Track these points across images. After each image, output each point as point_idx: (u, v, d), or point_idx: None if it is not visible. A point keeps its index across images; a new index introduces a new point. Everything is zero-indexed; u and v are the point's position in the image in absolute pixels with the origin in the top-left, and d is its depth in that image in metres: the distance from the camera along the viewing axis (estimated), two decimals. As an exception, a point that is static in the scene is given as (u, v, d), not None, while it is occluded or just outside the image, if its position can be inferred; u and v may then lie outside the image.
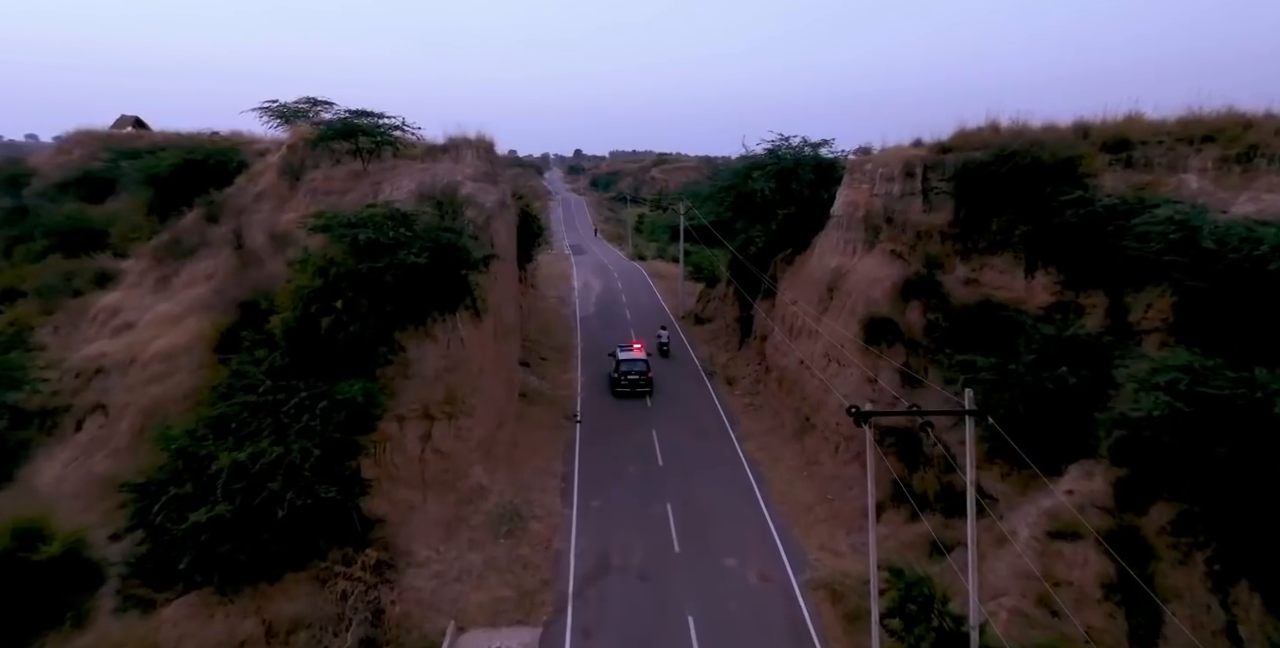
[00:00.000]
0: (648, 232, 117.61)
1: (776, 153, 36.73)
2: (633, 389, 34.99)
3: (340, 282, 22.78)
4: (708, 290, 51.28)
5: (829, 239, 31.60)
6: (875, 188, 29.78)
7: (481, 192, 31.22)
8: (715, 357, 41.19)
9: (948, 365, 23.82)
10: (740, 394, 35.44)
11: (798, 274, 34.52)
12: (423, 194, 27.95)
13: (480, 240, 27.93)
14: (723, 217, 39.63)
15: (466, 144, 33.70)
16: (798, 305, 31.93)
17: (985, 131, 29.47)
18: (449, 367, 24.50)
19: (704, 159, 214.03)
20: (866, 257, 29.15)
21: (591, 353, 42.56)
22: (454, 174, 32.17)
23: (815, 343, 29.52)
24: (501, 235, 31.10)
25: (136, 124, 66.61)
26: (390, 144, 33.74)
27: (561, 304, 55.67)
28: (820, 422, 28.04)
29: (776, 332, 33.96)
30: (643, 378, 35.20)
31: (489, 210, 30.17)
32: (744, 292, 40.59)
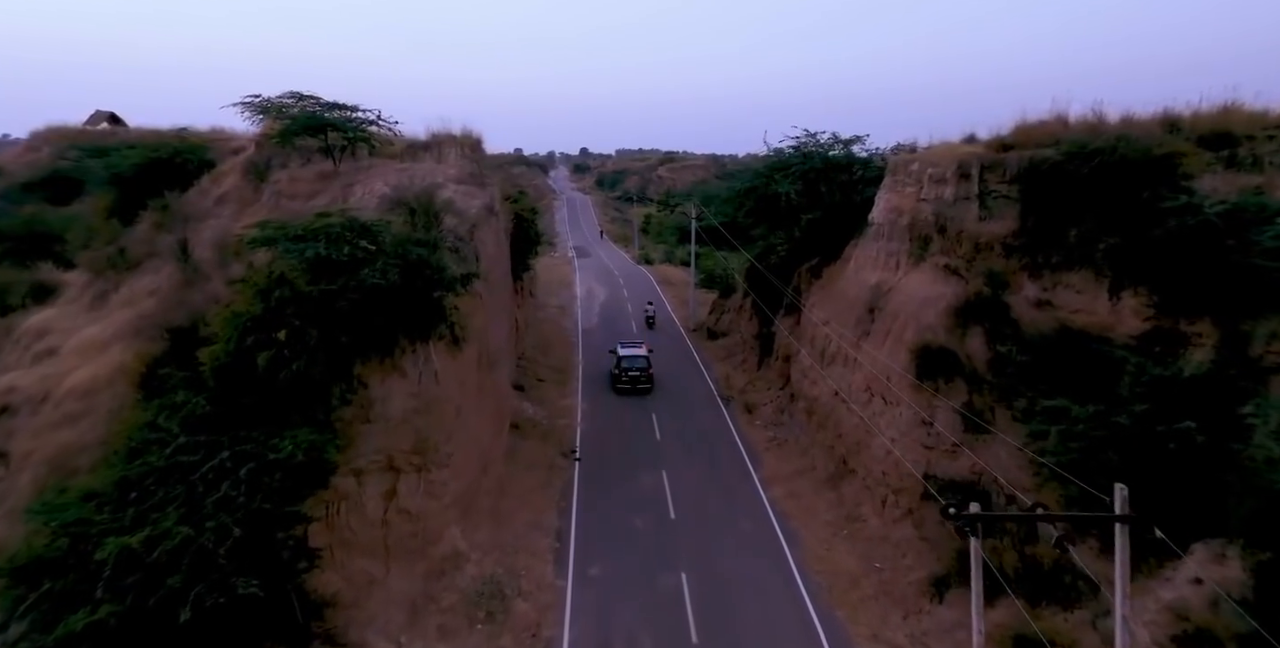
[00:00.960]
0: (654, 233, 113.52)
1: (803, 151, 32.54)
2: (634, 386, 34.98)
3: (285, 307, 18.67)
4: (721, 301, 47.09)
5: (866, 250, 27.38)
6: (923, 191, 25.57)
7: (465, 196, 27.12)
8: (731, 378, 37.00)
9: (1024, 410, 19.60)
10: (761, 425, 31.26)
11: (828, 289, 30.32)
12: (396, 199, 23.85)
13: (461, 253, 23.85)
14: (742, 222, 35.43)
15: (450, 141, 29.61)
16: (830, 326, 27.72)
17: (1052, 125, 25.25)
18: (420, 407, 20.39)
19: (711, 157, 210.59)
20: (914, 272, 24.94)
21: (594, 373, 38.44)
22: (435, 175, 28.09)
23: (854, 372, 25.31)
24: (489, 246, 27.01)
25: (111, 120, 62.67)
26: (365, 141, 29.73)
27: (562, 314, 51.55)
28: (861, 467, 23.84)
29: (804, 355, 29.76)
30: (643, 374, 35.15)
31: (473, 217, 26.07)
32: (763, 305, 36.40)
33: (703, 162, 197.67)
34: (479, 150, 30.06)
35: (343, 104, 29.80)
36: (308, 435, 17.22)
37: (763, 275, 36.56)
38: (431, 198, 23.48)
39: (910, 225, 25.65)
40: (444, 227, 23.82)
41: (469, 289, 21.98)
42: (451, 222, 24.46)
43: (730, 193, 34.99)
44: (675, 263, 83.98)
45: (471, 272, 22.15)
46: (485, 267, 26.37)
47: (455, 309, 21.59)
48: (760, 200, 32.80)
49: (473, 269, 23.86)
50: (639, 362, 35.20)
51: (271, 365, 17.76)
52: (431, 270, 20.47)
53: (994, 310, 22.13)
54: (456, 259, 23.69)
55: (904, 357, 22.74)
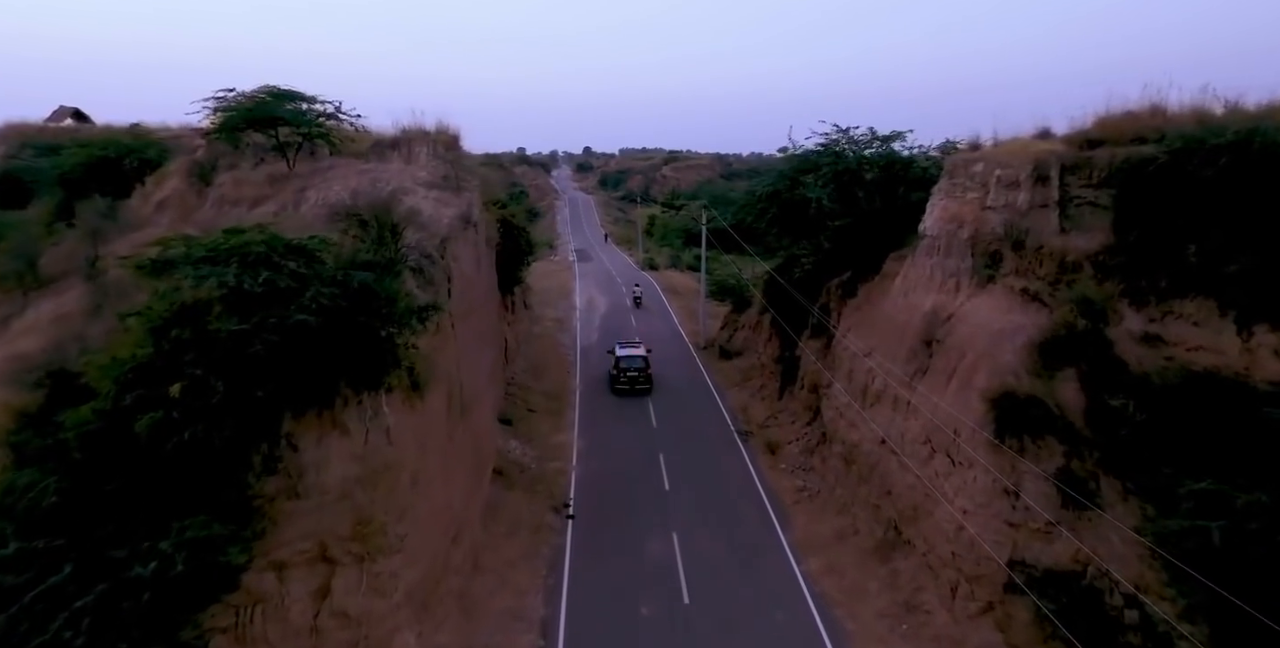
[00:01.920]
0: (659, 235, 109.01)
1: (833, 150, 28.03)
2: (632, 386, 34.35)
3: (183, 351, 14.23)
4: (735, 316, 42.53)
5: (918, 267, 22.85)
6: (990, 197, 21.05)
7: (437, 203, 22.68)
8: (749, 409, 32.49)
9: (1144, 486, 15.08)
10: (788, 470, 26.73)
11: (866, 311, 25.81)
12: (345, 209, 19.39)
13: (427, 275, 19.41)
14: (766, 232, 30.88)
15: (421, 138, 25.14)
16: (873, 359, 23.20)
17: (1145, 117, 20.74)
18: (366, 475, 15.89)
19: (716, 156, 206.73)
20: (980, 296, 20.41)
21: (593, 399, 33.98)
22: (402, 179, 23.67)
23: (907, 418, 20.79)
24: (465, 263, 22.53)
25: (76, 116, 58.31)
26: (323, 138, 25.33)
27: (560, 328, 47.06)
28: (920, 539, 19.32)
29: (838, 390, 25.23)
30: (642, 375, 34.53)
31: (445, 230, 21.62)
32: (784, 325, 31.86)
33: (707, 161, 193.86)
34: (456, 148, 25.58)
35: (298, 94, 25.40)
36: (199, 531, 12.77)
37: (784, 290, 32.04)
38: (389, 207, 18.99)
39: (973, 238, 21.13)
40: (406, 243, 19.37)
41: (428, 323, 17.45)
42: (415, 236, 20.02)
43: (749, 197, 30.48)
44: (681, 268, 79.48)
45: (432, 304, 17.59)
46: (460, 288, 21.95)
47: (414, 348, 17.12)
48: (784, 207, 28.29)
49: (440, 296, 19.45)
50: (637, 362, 34.53)
51: (158, 433, 13.32)
52: (380, 301, 15.99)
53: (1091, 348, 17.59)
54: (421, 282, 19.27)
55: (976, 405, 18.20)
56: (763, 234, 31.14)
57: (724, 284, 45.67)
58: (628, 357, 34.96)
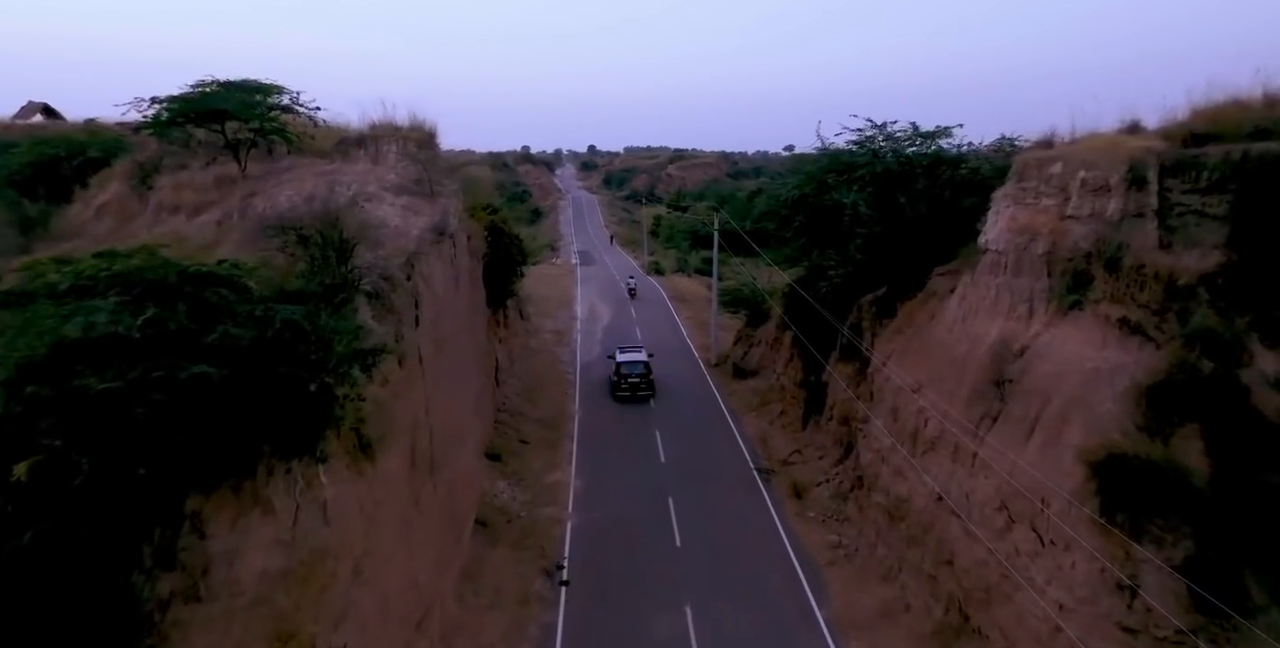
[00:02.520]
0: (664, 236, 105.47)
1: (870, 148, 24.33)
2: (633, 392, 33.09)
3: (39, 415, 10.68)
4: (750, 331, 38.81)
5: (979, 288, 19.12)
6: (1071, 204, 17.33)
7: (406, 212, 19.09)
8: (769, 440, 28.82)
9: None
10: (818, 519, 23.07)
11: (911, 336, 22.10)
12: (286, 219, 15.78)
13: (387, 302, 15.81)
14: (792, 243, 27.11)
15: (392, 135, 21.52)
16: (924, 395, 19.49)
17: (1265, 107, 17.09)
18: (293, 567, 12.25)
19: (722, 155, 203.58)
20: (1063, 325, 16.69)
21: (595, 428, 30.37)
22: (366, 182, 20.09)
23: (973, 475, 17.09)
24: (438, 282, 18.89)
25: (46, 112, 55.05)
26: (279, 134, 21.79)
27: (559, 341, 43.43)
28: (997, 631, 15.61)
29: (878, 428, 21.54)
30: (643, 381, 33.35)
31: (414, 243, 18.00)
32: (809, 345, 28.14)
33: (713, 159, 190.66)
34: (431, 147, 21.91)
35: (248, 84, 21.88)
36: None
37: (808, 305, 28.29)
38: (337, 219, 15.33)
39: (1051, 254, 17.41)
40: (360, 263, 15.76)
41: (379, 368, 13.81)
42: (374, 254, 16.43)
43: (772, 202, 26.71)
44: (689, 272, 75.83)
45: (380, 346, 13.88)
46: (433, 313, 18.34)
47: (360, 400, 13.50)
48: (813, 213, 24.56)
49: (403, 327, 15.86)
50: (638, 367, 33.41)
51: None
52: (310, 345, 12.37)
53: (1218, 397, 13.91)
54: (379, 310, 15.69)
55: (1070, 468, 14.51)
56: (785, 242, 27.33)
57: (737, 294, 41.92)
58: (629, 362, 33.63)
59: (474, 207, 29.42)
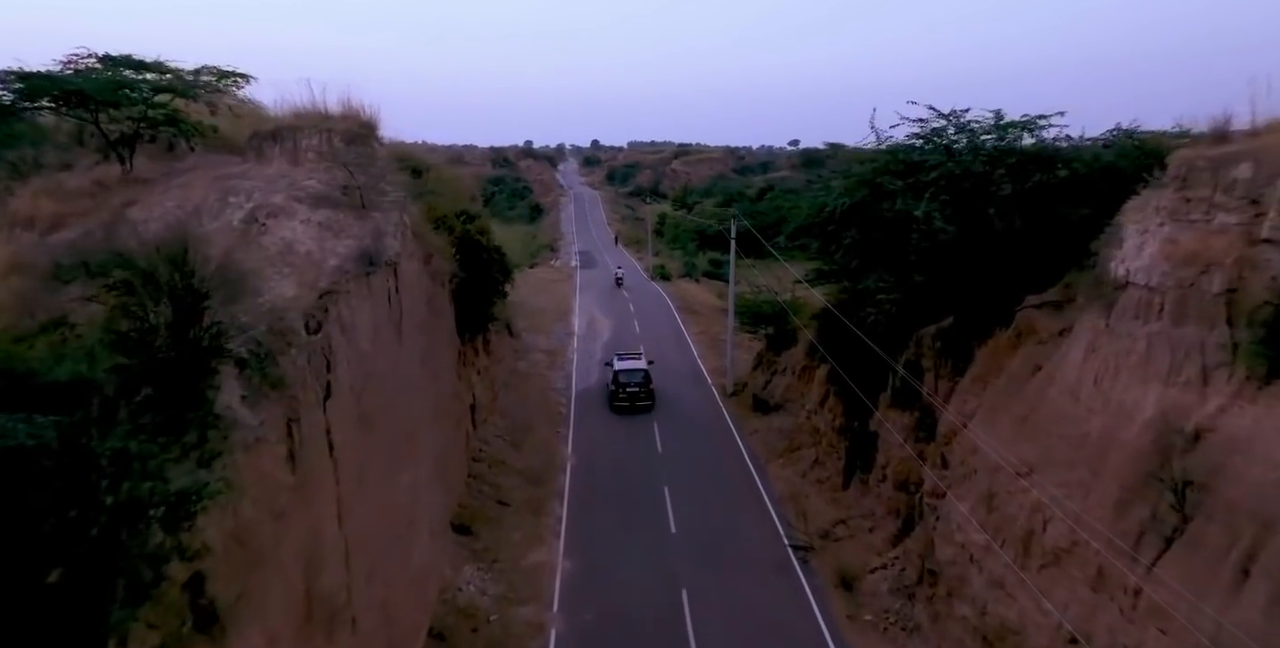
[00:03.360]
0: (669, 236, 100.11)
1: (941, 143, 18.97)
2: (632, 403, 31.38)
3: None
4: (772, 355, 33.49)
5: (1119, 338, 13.73)
6: (1270, 224, 12.01)
7: (323, 233, 13.81)
8: (803, 500, 23.55)
9: None
10: (876, 624, 17.77)
11: (1003, 390, 16.79)
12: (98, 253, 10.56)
13: (270, 376, 10.55)
14: (844, 265, 21.59)
15: (316, 126, 16.21)
16: (1035, 482, 14.19)
17: None
18: None
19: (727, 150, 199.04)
20: (1264, 400, 11.39)
21: (591, 481, 25.16)
22: (276, 188, 14.82)
23: (1136, 621, 11.75)
24: (364, 330, 13.56)
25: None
26: (175, 125, 16.58)
27: (552, 364, 38.16)
28: None
29: (959, 514, 16.22)
30: (643, 390, 31.60)
31: (328, 280, 12.73)
32: (849, 380, 22.72)
33: (719, 154, 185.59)
34: (367, 142, 16.57)
35: (131, 60, 16.65)
36: None
37: (846, 332, 22.91)
38: (184, 251, 10.01)
39: (1235, 293, 12.12)
40: (242, 314, 10.54)
41: (192, 521, 8.47)
42: (260, 302, 11.19)
43: (813, 210, 21.15)
44: (696, 277, 70.47)
45: (198, 488, 8.53)
46: (354, 377, 13.07)
47: (187, 557, 8.26)
48: (869, 228, 19.14)
49: (302, 403, 10.65)
50: (637, 376, 31.76)
51: None
52: (67, 490, 7.13)
53: None
54: (258, 385, 10.45)
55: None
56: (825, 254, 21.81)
57: (755, 308, 36.25)
58: (627, 371, 31.88)
59: (445, 214, 24.17)
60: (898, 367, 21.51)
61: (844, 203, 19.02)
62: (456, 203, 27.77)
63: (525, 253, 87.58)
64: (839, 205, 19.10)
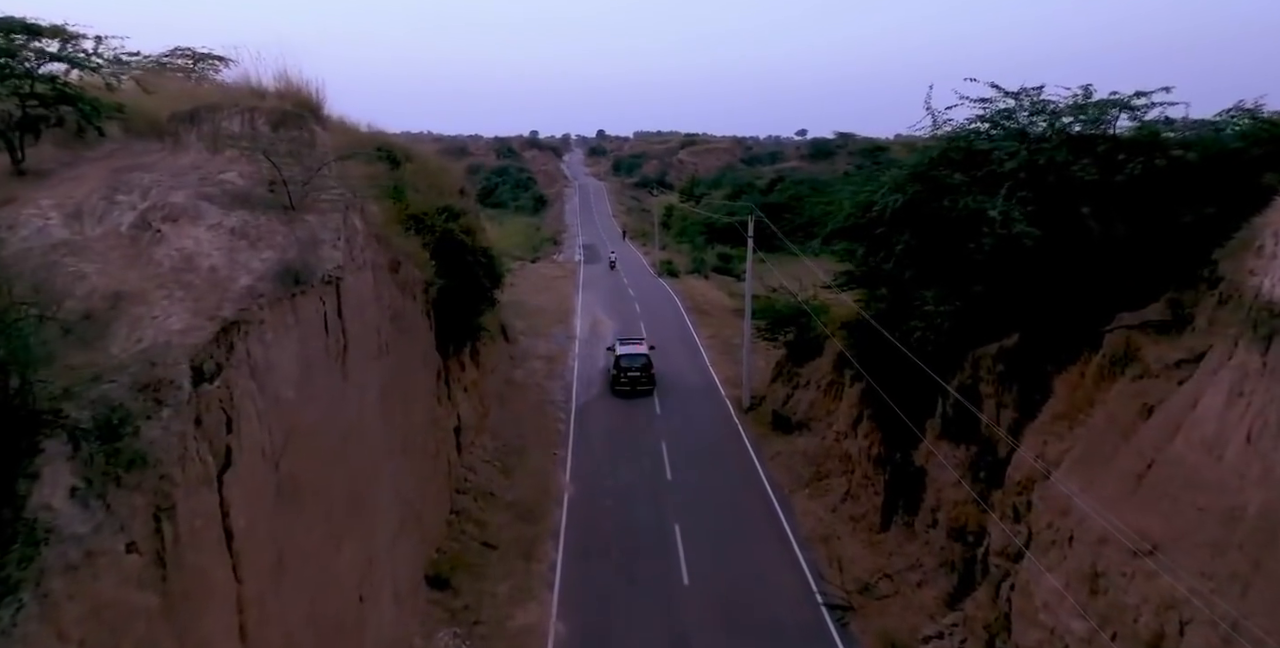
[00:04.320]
0: (677, 229, 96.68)
1: (1015, 126, 15.64)
2: (633, 387, 32.03)
3: None
4: (794, 367, 30.18)
5: (1272, 382, 10.48)
6: None
7: (234, 243, 10.62)
8: (835, 544, 20.35)
9: None
10: (937, 718, 14.64)
11: (1103, 434, 13.51)
12: None
13: (114, 458, 7.37)
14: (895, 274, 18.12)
15: (239, 106, 12.99)
16: (1160, 563, 10.97)
17: None
18: None
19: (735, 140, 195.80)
20: None
21: (591, 516, 22.03)
22: (184, 183, 11.62)
23: None
24: (287, 372, 10.37)
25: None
26: (74, 104, 13.39)
27: (551, 373, 34.98)
28: None
29: (1052, 592, 13.00)
30: (644, 375, 32.27)
31: (232, 307, 9.54)
32: (888, 399, 19.39)
33: (727, 144, 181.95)
34: (305, 126, 13.33)
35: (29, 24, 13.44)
36: None
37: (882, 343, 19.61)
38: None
39: None
40: (85, 366, 7.43)
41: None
42: (133, 346, 8.07)
43: (855, 208, 17.64)
44: (705, 272, 67.10)
45: None
46: (272, 435, 9.89)
47: None
48: (926, 228, 15.77)
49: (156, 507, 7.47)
50: (639, 360, 32.41)
51: None
52: None
53: None
54: (98, 476, 7.28)
55: None
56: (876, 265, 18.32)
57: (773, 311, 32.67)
58: (629, 355, 32.50)
59: (424, 211, 20.99)
60: (952, 391, 18.28)
61: (896, 201, 15.64)
62: (440, 197, 24.59)
63: (528, 247, 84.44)
64: (890, 203, 15.72)
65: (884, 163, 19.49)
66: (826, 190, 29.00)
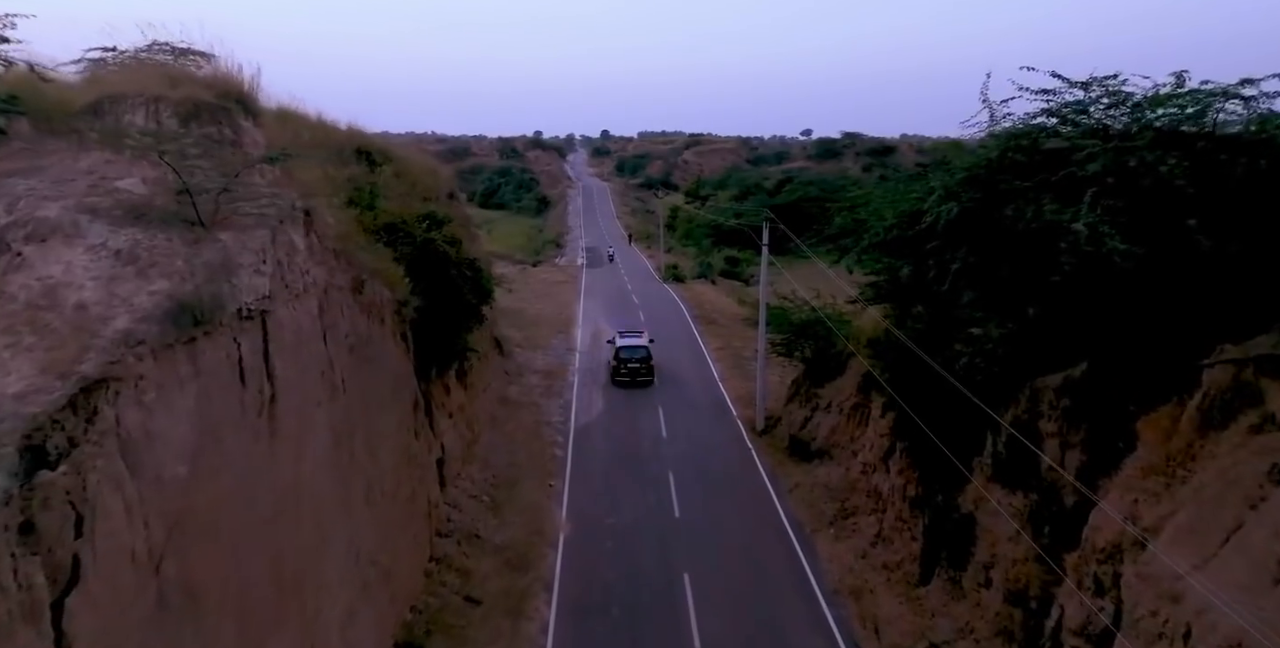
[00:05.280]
0: (681, 231, 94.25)
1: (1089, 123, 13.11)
2: (633, 378, 32.36)
3: None
4: (812, 387, 27.62)
5: None
6: None
7: (116, 269, 8.12)
8: (867, 599, 17.76)
9: None
10: None
11: (1210, 500, 10.98)
12: None
13: None
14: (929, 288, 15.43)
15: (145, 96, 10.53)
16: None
17: None
18: None
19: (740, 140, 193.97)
20: None
21: (588, 562, 19.53)
22: (63, 194, 9.14)
23: None
24: (176, 458, 7.90)
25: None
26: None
27: (548, 390, 32.52)
28: None
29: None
30: (644, 366, 32.60)
31: (99, 359, 7.07)
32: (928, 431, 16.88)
33: (732, 144, 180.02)
34: (228, 121, 10.85)
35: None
36: None
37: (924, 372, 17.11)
38: None
39: None
40: None
41: None
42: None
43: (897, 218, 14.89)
44: (712, 277, 64.65)
45: None
46: (145, 537, 7.40)
47: None
48: (987, 243, 13.20)
49: None
50: (639, 352, 32.95)
51: None
52: None
53: None
54: None
55: None
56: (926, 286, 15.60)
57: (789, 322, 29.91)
58: (629, 347, 33.05)
59: (401, 219, 18.58)
60: (1006, 426, 15.76)
61: (951, 210, 13.07)
62: (424, 203, 22.21)
63: (529, 250, 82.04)
64: (943, 214, 13.16)
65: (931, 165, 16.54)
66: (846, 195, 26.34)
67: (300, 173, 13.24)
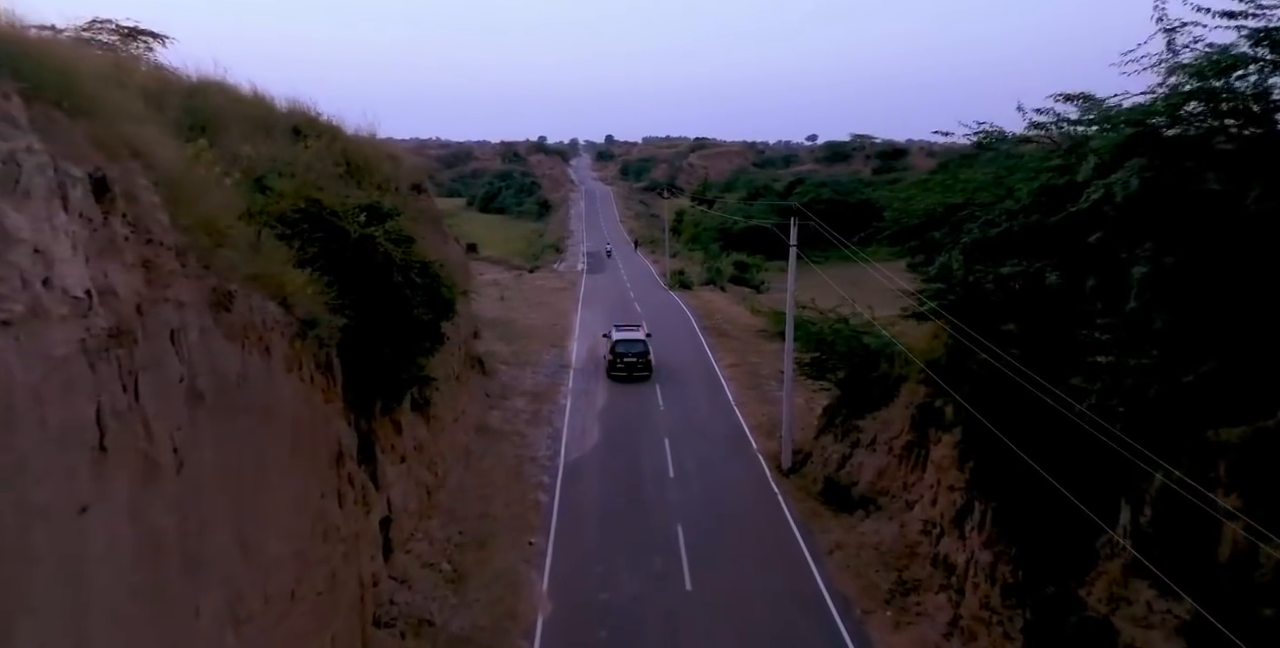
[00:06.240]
0: (688, 234, 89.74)
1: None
2: (630, 373, 31.47)
3: None
4: (852, 418, 22.77)
5: None
6: None
7: None
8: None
9: None
10: None
11: None
12: None
13: None
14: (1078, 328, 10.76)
15: None
16: None
17: None
18: None
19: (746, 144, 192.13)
20: None
21: None
22: None
23: None
24: None
25: None
26: None
27: (535, 416, 27.85)
28: None
29: None
30: (640, 361, 31.64)
31: None
32: (1018, 488, 12.18)
33: (738, 148, 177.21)
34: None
35: None
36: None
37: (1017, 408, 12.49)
38: None
39: None
40: None
41: None
42: None
43: (1029, 197, 10.25)
44: (721, 283, 60.04)
45: None
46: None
47: None
48: (1181, 238, 8.56)
49: None
50: (636, 346, 31.87)
51: None
52: None
53: None
54: None
55: None
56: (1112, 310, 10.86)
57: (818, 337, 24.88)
58: (625, 341, 32.25)
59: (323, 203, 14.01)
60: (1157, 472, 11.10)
61: (1130, 183, 8.39)
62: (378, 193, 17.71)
63: (528, 254, 77.56)
64: (1116, 188, 8.46)
65: (1086, 116, 11.48)
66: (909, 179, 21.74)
67: (157, 147, 8.68)
